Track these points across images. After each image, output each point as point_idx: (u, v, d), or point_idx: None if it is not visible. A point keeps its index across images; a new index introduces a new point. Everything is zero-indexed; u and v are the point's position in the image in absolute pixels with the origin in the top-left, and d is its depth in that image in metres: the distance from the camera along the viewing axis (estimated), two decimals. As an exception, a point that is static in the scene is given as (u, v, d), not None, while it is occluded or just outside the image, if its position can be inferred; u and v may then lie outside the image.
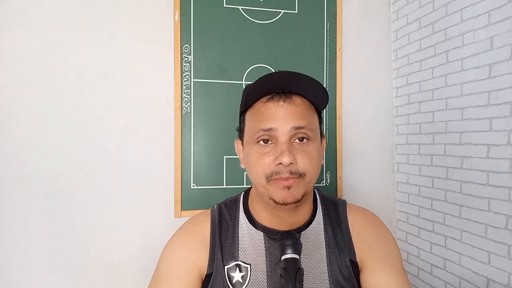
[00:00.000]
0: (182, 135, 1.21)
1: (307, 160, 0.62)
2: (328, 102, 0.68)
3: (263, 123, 0.63)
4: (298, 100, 0.64)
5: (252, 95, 0.65)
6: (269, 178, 0.62)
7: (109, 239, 1.15)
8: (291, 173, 0.61)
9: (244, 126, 0.69)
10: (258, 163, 0.63)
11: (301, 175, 0.61)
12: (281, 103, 0.63)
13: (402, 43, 1.34)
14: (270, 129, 0.62)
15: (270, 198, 0.63)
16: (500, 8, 0.93)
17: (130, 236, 1.17)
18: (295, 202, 0.62)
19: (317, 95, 0.66)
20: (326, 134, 1.32)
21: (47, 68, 1.12)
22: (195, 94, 1.22)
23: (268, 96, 0.65)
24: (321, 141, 0.69)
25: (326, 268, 0.68)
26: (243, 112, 0.70)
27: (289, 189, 0.61)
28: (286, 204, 0.62)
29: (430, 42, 1.19)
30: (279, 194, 0.62)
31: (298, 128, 0.62)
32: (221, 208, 0.75)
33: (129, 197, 1.17)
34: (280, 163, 0.60)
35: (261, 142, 0.63)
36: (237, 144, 0.74)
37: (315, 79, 0.63)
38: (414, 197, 1.28)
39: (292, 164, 0.61)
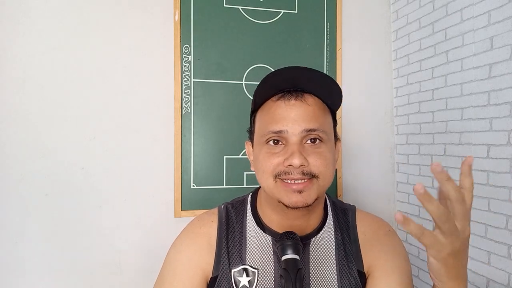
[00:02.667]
0: (182, 135, 1.21)
1: (321, 162, 0.59)
2: (341, 101, 0.63)
3: (273, 124, 0.60)
4: (310, 99, 0.61)
5: (261, 95, 0.62)
6: (277, 177, 0.59)
7: (109, 239, 1.15)
8: (303, 173, 0.58)
9: (254, 127, 0.66)
10: (266, 162, 0.60)
11: (314, 176, 0.58)
12: (293, 101, 0.60)
13: (402, 43, 1.34)
14: (280, 131, 0.59)
15: (279, 202, 0.60)
16: (500, 8, 0.93)
17: (130, 236, 1.17)
18: (306, 207, 0.59)
19: (330, 94, 0.62)
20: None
21: (47, 68, 1.12)
22: (195, 94, 1.22)
23: (279, 95, 0.61)
24: (335, 144, 0.65)
25: (336, 276, 0.65)
26: (253, 112, 0.67)
27: (300, 193, 0.58)
28: (297, 208, 0.59)
29: (430, 42, 1.19)
30: (289, 198, 0.59)
31: (310, 130, 0.59)
32: (228, 208, 0.72)
33: (129, 197, 1.17)
34: (290, 165, 0.57)
35: (271, 143, 0.61)
36: (248, 146, 0.71)
37: (328, 75, 0.59)
38: (414, 197, 1.28)
39: (303, 166, 0.57)
